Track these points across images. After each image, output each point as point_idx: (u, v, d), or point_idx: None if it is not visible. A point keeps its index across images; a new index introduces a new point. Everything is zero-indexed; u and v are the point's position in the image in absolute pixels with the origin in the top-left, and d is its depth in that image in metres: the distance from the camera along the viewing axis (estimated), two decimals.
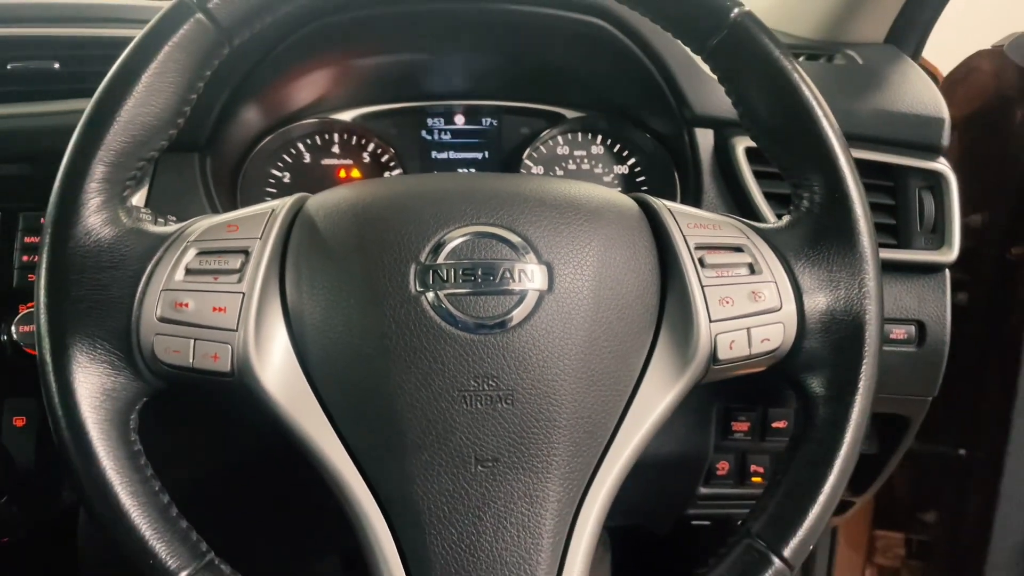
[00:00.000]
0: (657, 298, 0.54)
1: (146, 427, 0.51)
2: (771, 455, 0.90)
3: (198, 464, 0.76)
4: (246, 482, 0.83)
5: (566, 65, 0.88)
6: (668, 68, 0.81)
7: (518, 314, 0.49)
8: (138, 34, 0.52)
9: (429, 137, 0.94)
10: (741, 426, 0.86)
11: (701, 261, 0.53)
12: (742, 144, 0.81)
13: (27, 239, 0.72)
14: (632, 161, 0.93)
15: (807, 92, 0.53)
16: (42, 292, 0.49)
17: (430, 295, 0.49)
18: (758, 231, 0.56)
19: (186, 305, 0.50)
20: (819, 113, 0.53)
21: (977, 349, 1.07)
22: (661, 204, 0.56)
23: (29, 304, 0.71)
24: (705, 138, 0.83)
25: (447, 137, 0.94)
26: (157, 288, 0.50)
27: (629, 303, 0.52)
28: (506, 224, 0.51)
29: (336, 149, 0.91)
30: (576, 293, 0.50)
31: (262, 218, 0.53)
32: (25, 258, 0.72)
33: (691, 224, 0.55)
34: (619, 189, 0.93)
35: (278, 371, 0.50)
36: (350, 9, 0.57)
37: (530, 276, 0.50)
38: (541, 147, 0.93)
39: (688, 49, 0.58)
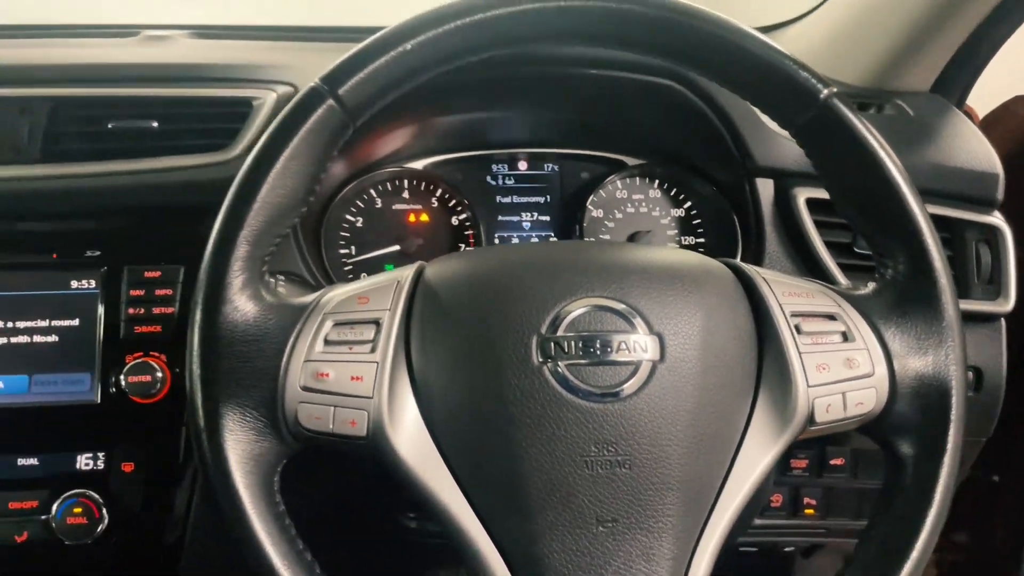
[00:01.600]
0: (755, 362, 0.58)
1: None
2: (824, 489, 0.94)
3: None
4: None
5: (630, 118, 0.92)
6: (733, 122, 0.85)
7: (634, 383, 0.53)
8: (276, 119, 0.56)
9: (494, 183, 0.98)
10: (799, 463, 0.90)
11: (798, 328, 0.57)
12: (803, 195, 0.85)
13: (132, 292, 0.76)
14: (688, 205, 0.97)
15: (895, 172, 0.57)
16: (195, 364, 0.52)
17: (552, 366, 0.53)
18: (847, 298, 0.60)
19: (327, 375, 0.53)
20: (906, 192, 0.57)
21: (1011, 380, 1.11)
22: (754, 272, 0.60)
23: (136, 354, 0.75)
24: (765, 187, 0.87)
25: (511, 182, 0.98)
26: (300, 359, 0.54)
27: (731, 368, 0.56)
28: (618, 297, 0.55)
29: (406, 195, 0.95)
30: (685, 362, 0.54)
31: (389, 289, 0.57)
32: (131, 311, 0.76)
33: (786, 292, 0.59)
34: (675, 232, 0.98)
35: (408, 435, 0.54)
36: (452, 74, 0.61)
37: (643, 347, 0.54)
38: (601, 191, 0.97)
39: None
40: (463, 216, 0.95)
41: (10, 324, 0.76)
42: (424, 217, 0.96)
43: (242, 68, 0.84)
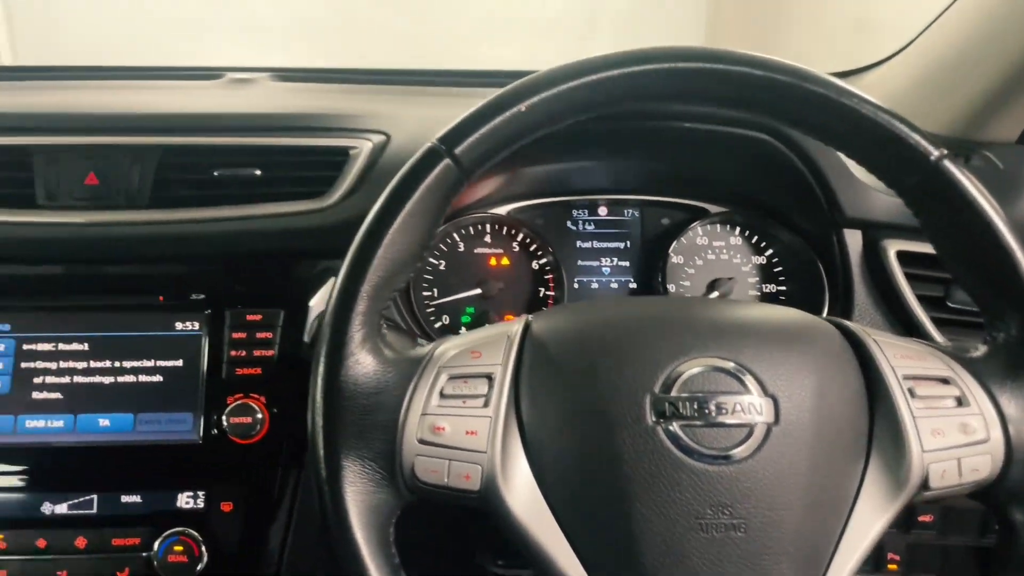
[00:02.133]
0: (866, 425, 0.57)
1: None
2: (908, 545, 0.92)
3: None
4: None
5: (716, 167, 0.92)
6: (824, 175, 0.85)
7: (748, 445, 0.53)
8: (393, 179, 0.58)
9: (574, 228, 0.99)
10: None
11: (911, 392, 0.57)
12: (894, 247, 0.84)
13: (234, 335, 0.79)
14: (770, 252, 0.97)
15: (1008, 236, 0.57)
16: (318, 416, 0.54)
17: (666, 426, 0.53)
18: (959, 361, 0.59)
19: (442, 429, 0.54)
20: (1020, 256, 0.57)
21: None
22: (863, 332, 0.60)
23: (237, 395, 0.77)
24: (854, 238, 0.87)
25: (591, 227, 0.99)
26: (417, 412, 0.55)
27: (843, 431, 0.56)
28: (732, 357, 0.55)
29: (488, 239, 0.97)
30: (800, 425, 0.54)
31: (500, 343, 0.58)
32: (233, 353, 0.78)
33: (897, 355, 0.58)
34: (756, 280, 0.98)
35: (520, 491, 0.54)
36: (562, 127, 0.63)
37: (759, 409, 0.54)
38: (682, 238, 0.97)
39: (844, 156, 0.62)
40: (543, 260, 0.97)
41: (117, 364, 0.78)
42: (505, 261, 0.97)
43: (338, 117, 0.87)
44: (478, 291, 0.95)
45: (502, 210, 0.96)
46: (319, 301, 0.81)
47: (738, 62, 0.57)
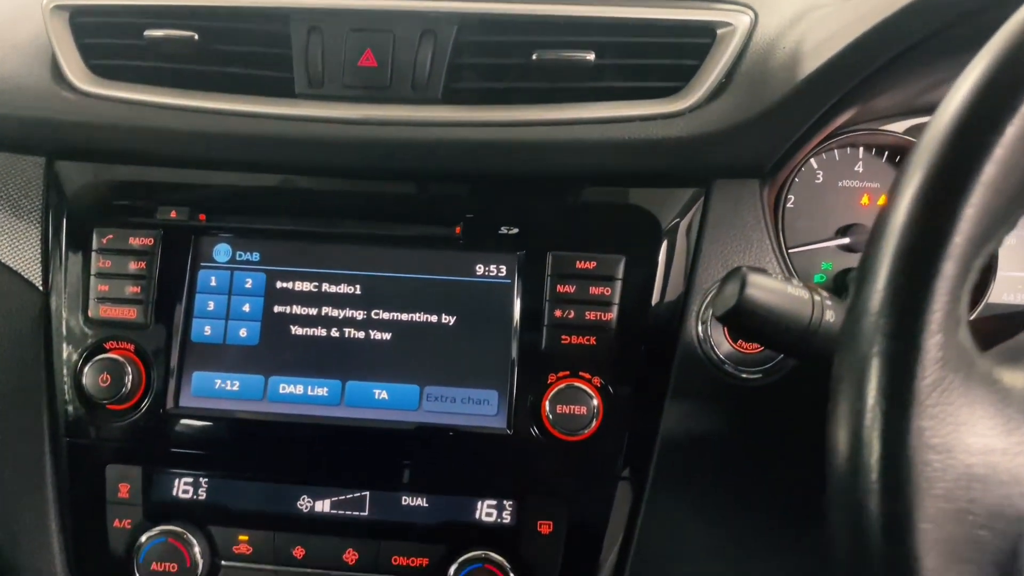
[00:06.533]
0: None
1: None
2: None
3: None
4: None
5: None
6: None
7: None
8: (999, 42, 0.31)
9: None
10: None
11: None
12: None
13: (559, 288, 0.56)
14: None
15: None
16: (888, 492, 0.29)
17: None
18: None
19: None
20: None
21: None
22: None
23: (563, 373, 0.55)
24: None
25: None
26: None
27: None
28: None
29: (860, 168, 0.69)
30: None
31: None
32: (558, 313, 0.56)
33: None
34: None
35: None
36: None
37: None
38: None
39: None
40: None
41: (397, 316, 0.57)
42: (883, 201, 0.69)
43: None
44: (843, 240, 0.69)
45: (896, 126, 0.68)
46: (667, 248, 0.57)
47: None
